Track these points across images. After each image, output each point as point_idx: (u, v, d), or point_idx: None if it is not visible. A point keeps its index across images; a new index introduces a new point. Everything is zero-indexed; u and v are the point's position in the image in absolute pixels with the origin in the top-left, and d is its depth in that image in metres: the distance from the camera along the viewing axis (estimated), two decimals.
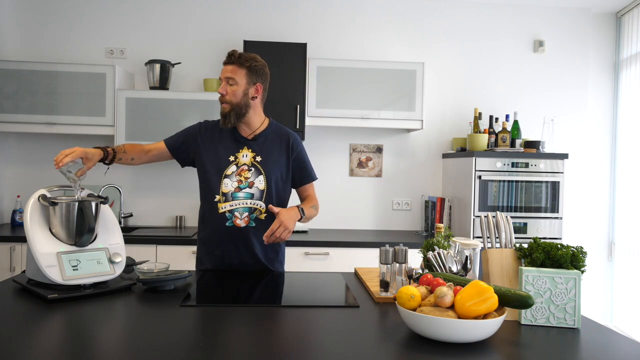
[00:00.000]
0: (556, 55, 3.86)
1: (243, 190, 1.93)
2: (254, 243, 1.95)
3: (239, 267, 1.97)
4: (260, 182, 1.93)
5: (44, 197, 1.59)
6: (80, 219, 1.59)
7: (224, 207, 1.93)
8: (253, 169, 1.94)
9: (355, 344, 1.20)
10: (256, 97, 1.96)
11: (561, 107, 3.86)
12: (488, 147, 3.43)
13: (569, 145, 3.82)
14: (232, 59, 1.91)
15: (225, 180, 1.93)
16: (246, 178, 1.94)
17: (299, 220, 1.94)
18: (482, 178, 3.28)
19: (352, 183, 3.81)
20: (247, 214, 1.93)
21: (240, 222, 1.92)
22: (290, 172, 2.03)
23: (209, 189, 1.96)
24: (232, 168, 1.94)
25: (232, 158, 1.96)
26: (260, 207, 1.94)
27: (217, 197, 1.93)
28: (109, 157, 1.88)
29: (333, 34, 3.76)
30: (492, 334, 1.19)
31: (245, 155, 1.96)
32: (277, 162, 1.99)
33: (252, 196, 1.93)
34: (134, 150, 1.99)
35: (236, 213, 1.92)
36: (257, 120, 2.00)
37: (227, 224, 1.93)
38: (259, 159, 1.95)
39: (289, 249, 2.74)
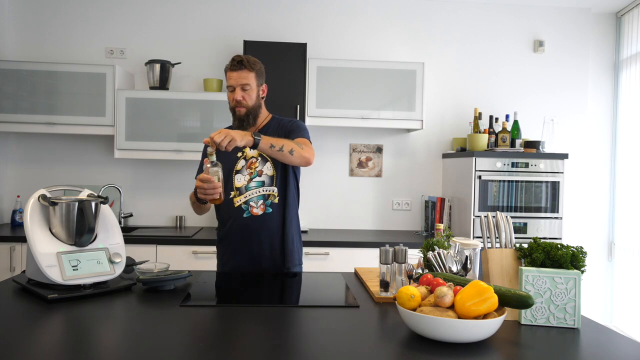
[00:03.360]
0: (556, 55, 3.86)
1: (254, 180, 2.01)
2: (274, 230, 2.01)
3: (259, 258, 2.01)
4: (268, 169, 2.01)
5: (44, 197, 1.59)
6: (80, 219, 1.59)
7: (239, 200, 2.00)
8: (259, 158, 2.01)
9: (355, 344, 1.20)
10: (264, 97, 2.09)
11: (561, 107, 3.86)
12: (488, 147, 3.43)
13: (569, 145, 3.82)
14: (242, 65, 1.97)
15: (238, 176, 2.01)
16: (255, 168, 2.01)
17: (253, 147, 1.80)
18: (482, 178, 3.28)
19: (352, 183, 3.81)
20: (262, 201, 2.00)
21: (257, 211, 2.00)
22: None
23: (224, 188, 1.98)
24: (242, 163, 2.02)
25: (239, 154, 2.03)
26: (274, 192, 2.01)
27: (232, 193, 2.00)
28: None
29: (333, 34, 3.76)
30: (492, 334, 1.19)
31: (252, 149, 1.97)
32: None
33: (263, 184, 2.01)
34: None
35: (251, 203, 1.99)
36: (262, 117, 2.10)
37: (244, 215, 1.99)
38: None
39: None
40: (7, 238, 3.07)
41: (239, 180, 2.01)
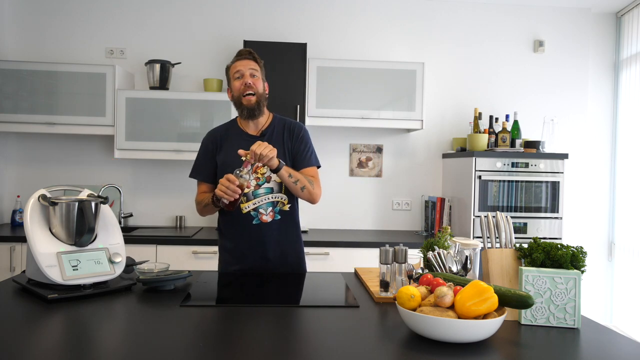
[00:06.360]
0: (556, 55, 3.86)
1: (262, 187, 1.96)
2: (283, 237, 1.99)
3: (268, 263, 1.97)
4: (276, 176, 1.94)
5: (44, 197, 1.59)
6: (80, 219, 1.59)
7: (247, 206, 1.95)
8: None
9: (355, 344, 1.20)
10: (267, 94, 2.04)
11: (561, 107, 3.86)
12: (488, 147, 3.43)
13: (569, 145, 3.82)
14: (250, 55, 1.99)
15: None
16: (263, 174, 1.96)
17: (274, 171, 1.86)
18: (482, 178, 3.28)
19: (352, 183, 3.81)
20: (271, 208, 1.96)
21: (267, 218, 1.96)
22: (292, 157, 2.01)
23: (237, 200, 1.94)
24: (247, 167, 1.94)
25: (244, 157, 1.92)
26: (283, 199, 1.98)
27: (240, 198, 1.89)
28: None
29: (333, 34, 3.76)
30: (492, 334, 1.19)
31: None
32: (285, 152, 2.00)
33: (272, 190, 1.96)
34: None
35: (261, 210, 1.95)
36: (264, 117, 2.05)
37: (253, 222, 1.95)
38: None
39: None
40: (7, 238, 3.07)
41: None
